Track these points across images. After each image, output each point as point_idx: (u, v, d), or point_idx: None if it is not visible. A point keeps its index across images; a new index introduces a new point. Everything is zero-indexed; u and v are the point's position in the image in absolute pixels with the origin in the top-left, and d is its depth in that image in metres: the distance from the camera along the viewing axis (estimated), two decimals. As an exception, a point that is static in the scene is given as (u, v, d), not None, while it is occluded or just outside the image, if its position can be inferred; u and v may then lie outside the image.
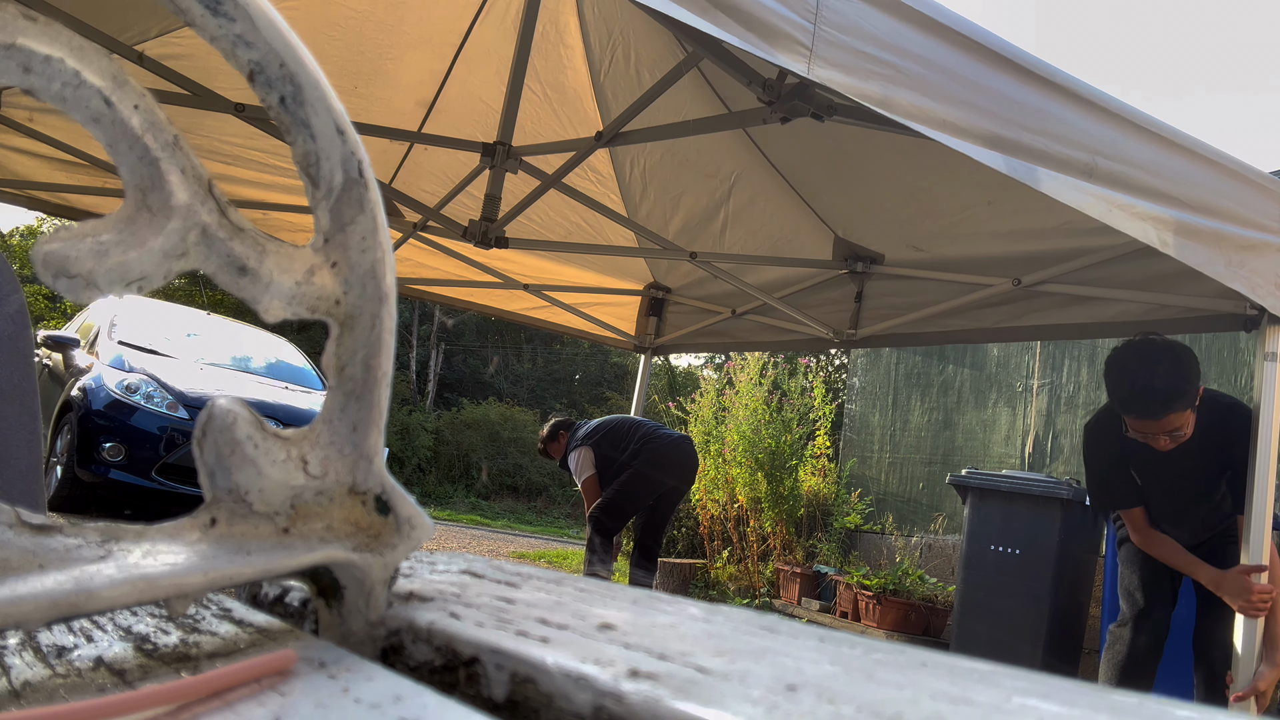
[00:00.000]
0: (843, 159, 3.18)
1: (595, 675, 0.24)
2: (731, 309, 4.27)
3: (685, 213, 3.79)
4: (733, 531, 7.01)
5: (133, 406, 5.21)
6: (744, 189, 3.57)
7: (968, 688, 0.25)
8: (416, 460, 14.98)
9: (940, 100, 1.66)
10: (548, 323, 4.78)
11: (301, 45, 0.30)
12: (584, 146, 2.94)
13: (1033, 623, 4.33)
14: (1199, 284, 2.61)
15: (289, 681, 0.26)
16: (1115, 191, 1.84)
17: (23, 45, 0.26)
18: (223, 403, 0.30)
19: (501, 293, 4.55)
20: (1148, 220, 1.89)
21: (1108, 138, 1.85)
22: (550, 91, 3.45)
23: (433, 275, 4.40)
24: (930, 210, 3.11)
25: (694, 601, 0.37)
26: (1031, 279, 3.05)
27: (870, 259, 3.55)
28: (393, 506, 0.32)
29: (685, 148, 3.52)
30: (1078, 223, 2.75)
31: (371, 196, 0.31)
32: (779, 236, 3.67)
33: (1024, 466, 6.11)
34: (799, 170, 3.38)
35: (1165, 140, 1.94)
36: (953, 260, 3.29)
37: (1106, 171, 1.83)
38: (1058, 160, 1.77)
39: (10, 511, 0.27)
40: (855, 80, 1.58)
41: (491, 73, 3.35)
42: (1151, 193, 1.90)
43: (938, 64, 1.66)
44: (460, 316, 21.33)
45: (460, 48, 3.33)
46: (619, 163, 3.76)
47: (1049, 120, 1.77)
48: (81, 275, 0.26)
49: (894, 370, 7.24)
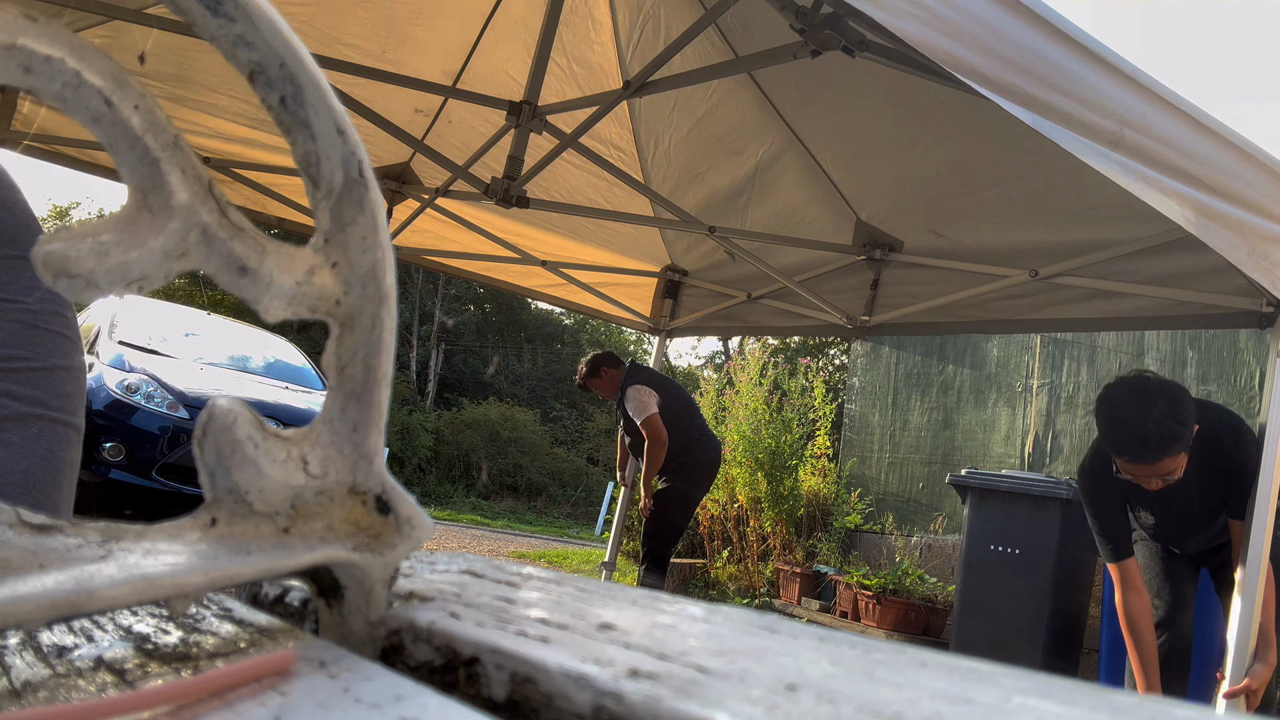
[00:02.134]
0: (873, 131, 3.16)
1: (595, 675, 0.24)
2: (747, 293, 4.27)
3: (708, 190, 3.79)
4: (733, 531, 7.01)
5: (133, 406, 5.22)
6: (770, 166, 3.56)
7: (967, 687, 0.25)
8: (416, 460, 14.98)
9: (972, 49, 1.65)
10: (563, 300, 4.77)
11: (302, 45, 0.30)
12: (609, 100, 2.90)
13: (1032, 623, 4.33)
14: (1216, 281, 2.61)
15: (289, 681, 0.26)
16: (1141, 165, 1.82)
17: (23, 45, 0.26)
18: (223, 402, 0.30)
19: (519, 268, 4.55)
20: (1173, 196, 1.86)
21: (1136, 110, 1.80)
22: (576, 66, 3.45)
23: (452, 248, 4.40)
24: (958, 186, 3.07)
25: (694, 601, 0.37)
26: (1049, 271, 3.05)
27: (889, 246, 3.55)
28: (393, 506, 0.32)
29: (713, 124, 3.51)
30: (1104, 208, 2.72)
31: (372, 196, 0.31)
32: (801, 219, 3.66)
33: (1024, 466, 6.11)
34: (827, 146, 3.37)
35: (1193, 120, 1.89)
36: (971, 249, 3.28)
37: (1133, 144, 1.79)
38: (1085, 126, 1.75)
39: (10, 511, 0.28)
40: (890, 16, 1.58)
41: (519, 45, 3.35)
42: (1178, 171, 1.86)
43: (973, 13, 1.66)
44: (460, 316, 21.33)
45: (490, 17, 3.33)
46: (643, 141, 3.76)
47: (1079, 84, 1.74)
48: (82, 275, 0.26)
49: (894, 370, 7.24)
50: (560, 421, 19.97)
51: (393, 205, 4.18)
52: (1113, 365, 5.85)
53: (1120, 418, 2.31)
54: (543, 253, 4.44)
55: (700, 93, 3.37)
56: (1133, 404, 2.29)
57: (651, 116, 3.63)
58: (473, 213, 4.20)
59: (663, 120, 3.60)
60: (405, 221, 4.12)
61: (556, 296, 4.77)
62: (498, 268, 4.58)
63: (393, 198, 4.15)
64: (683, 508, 4.34)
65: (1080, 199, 2.76)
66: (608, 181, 3.82)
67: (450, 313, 20.89)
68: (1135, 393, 2.31)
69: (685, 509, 4.36)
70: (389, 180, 4.07)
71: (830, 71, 3.00)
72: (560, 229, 4.27)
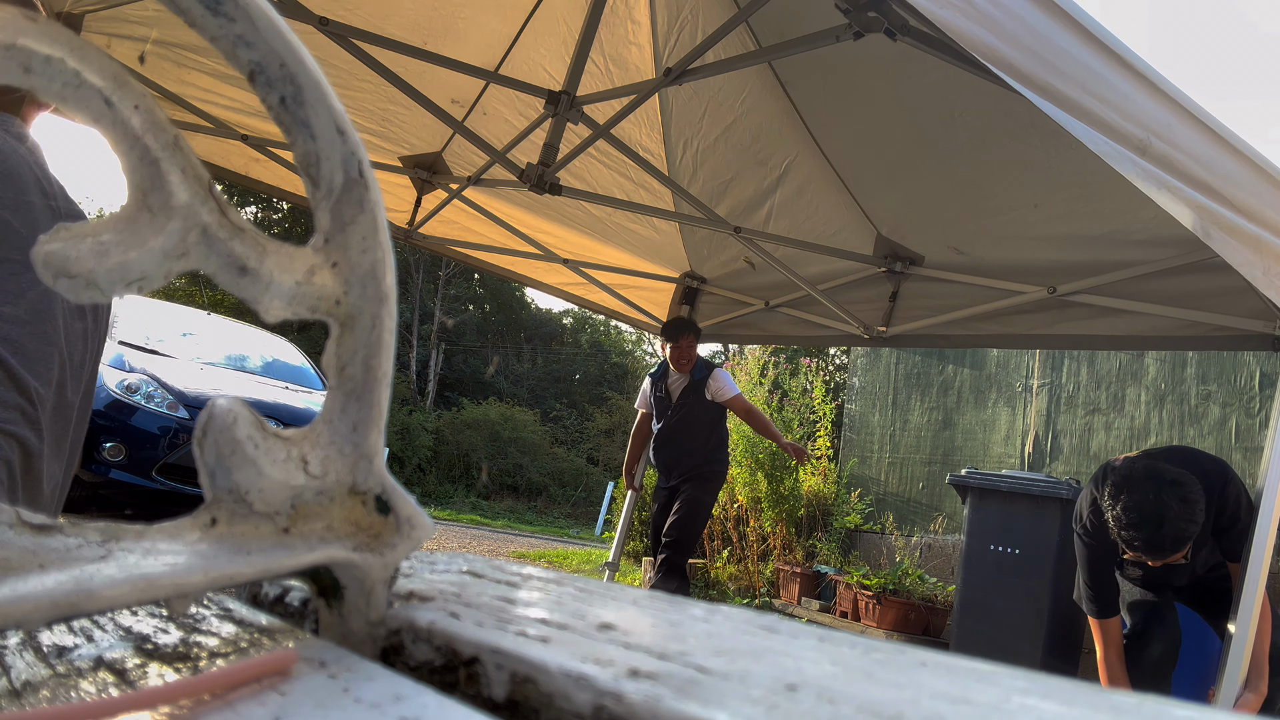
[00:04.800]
0: (894, 151, 3.19)
1: (595, 675, 0.24)
2: (765, 300, 4.28)
3: (733, 199, 3.82)
4: (732, 531, 7.02)
5: (133, 406, 5.22)
6: (794, 178, 3.59)
7: (967, 687, 0.25)
8: (416, 460, 14.99)
9: (1009, 44, 1.67)
10: (582, 299, 4.79)
11: (301, 45, 0.30)
12: (646, 88, 2.92)
13: (1032, 623, 4.33)
14: (1229, 303, 2.62)
15: (289, 681, 0.26)
16: (1165, 173, 1.83)
17: (23, 45, 0.26)
18: (223, 402, 0.30)
19: (541, 265, 4.56)
20: (1194, 208, 1.86)
21: (1163, 120, 1.81)
22: (613, 66, 3.47)
23: (477, 240, 4.42)
24: (976, 209, 3.11)
25: (694, 601, 0.37)
26: (1067, 288, 3.07)
27: (910, 259, 3.57)
28: (393, 506, 0.32)
29: (741, 131, 3.53)
30: (1122, 233, 2.75)
31: (372, 197, 0.31)
32: (822, 231, 3.69)
33: (1024, 466, 6.11)
34: (850, 161, 3.40)
35: (1215, 135, 1.91)
36: (991, 265, 3.30)
37: (1159, 153, 1.80)
38: (1114, 130, 1.76)
39: (10, 511, 0.28)
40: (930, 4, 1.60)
41: (558, 41, 3.37)
42: (1199, 184, 1.87)
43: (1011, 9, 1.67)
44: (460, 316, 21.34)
45: (531, 14, 3.35)
46: (672, 143, 3.78)
47: (1109, 89, 1.75)
48: (82, 275, 0.26)
49: (894, 370, 7.24)
50: (560, 421, 19.98)
51: (422, 194, 4.19)
52: (1112, 365, 5.86)
53: (1135, 521, 2.28)
54: (565, 251, 4.45)
55: (731, 99, 3.39)
56: (1148, 505, 2.26)
57: (683, 120, 3.66)
58: (500, 207, 4.22)
59: (693, 124, 3.62)
60: (438, 207, 4.13)
61: (576, 295, 4.79)
62: (521, 263, 4.60)
63: (423, 187, 4.16)
64: (707, 519, 4.37)
65: (1099, 224, 2.78)
66: (635, 182, 3.85)
67: (450, 313, 20.90)
68: (1149, 491, 2.27)
69: (707, 521, 4.39)
70: (420, 169, 4.08)
71: (855, 86, 3.01)
72: (584, 228, 4.28)
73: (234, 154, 3.94)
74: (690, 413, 4.27)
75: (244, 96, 3.65)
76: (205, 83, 3.56)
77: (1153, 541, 2.26)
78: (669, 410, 4.34)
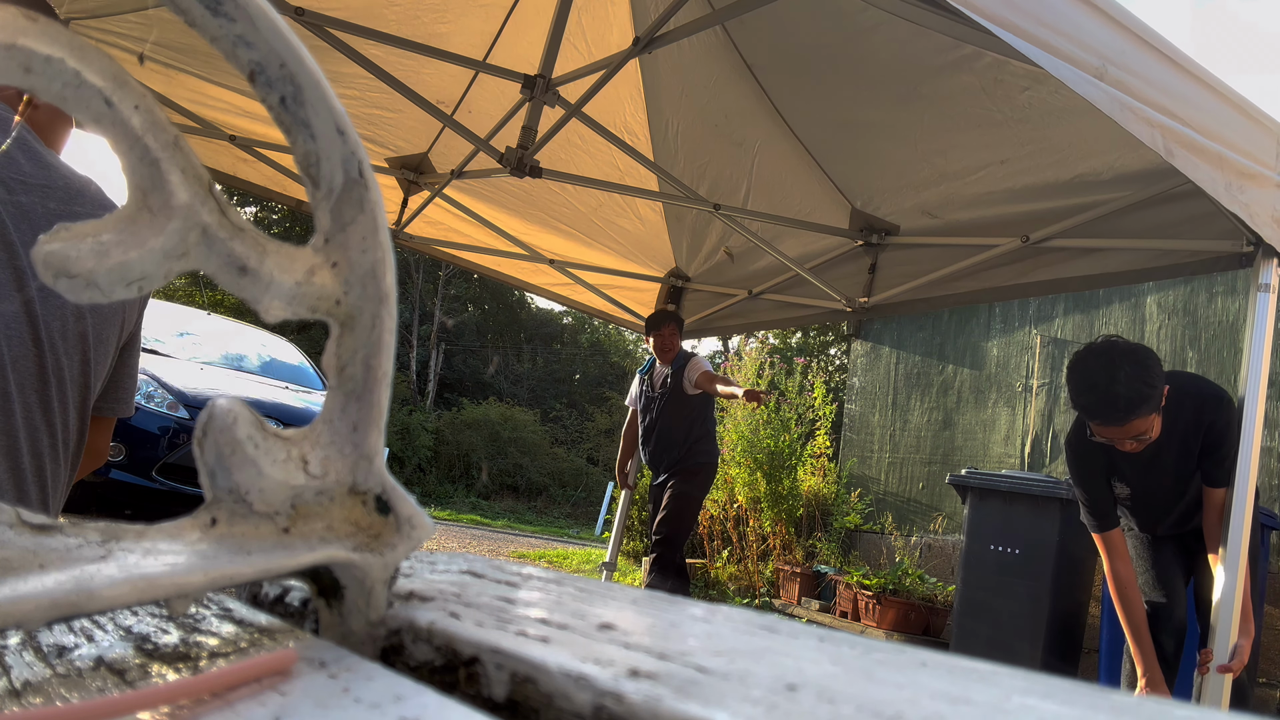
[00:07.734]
0: (860, 125, 3.25)
1: (595, 675, 0.24)
2: (748, 289, 4.31)
3: (711, 181, 3.86)
4: (732, 531, 7.02)
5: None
6: (766, 158, 3.63)
7: (967, 687, 0.25)
8: (416, 460, 15.00)
9: None
10: (569, 299, 4.83)
11: (301, 45, 0.30)
12: (616, 59, 2.93)
13: (1033, 623, 4.33)
14: (1198, 227, 2.62)
15: (289, 681, 0.26)
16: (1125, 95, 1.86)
17: (23, 45, 0.26)
18: (223, 402, 0.30)
19: (527, 265, 4.60)
20: (1155, 127, 1.90)
21: (1117, 47, 1.86)
22: (595, 50, 3.48)
23: (463, 240, 4.44)
24: (944, 173, 3.17)
25: (694, 601, 0.37)
26: (1039, 235, 3.09)
27: (886, 230, 3.61)
28: (393, 506, 0.32)
29: (714, 113, 3.56)
30: (1088, 175, 2.79)
31: (371, 197, 0.31)
32: (799, 208, 3.74)
33: (1023, 466, 6.11)
34: (818, 138, 3.45)
35: (1171, 60, 1.95)
36: (965, 224, 3.35)
37: (1115, 79, 1.85)
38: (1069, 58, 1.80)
39: (10, 511, 0.28)
40: None
41: (541, 34, 3.40)
42: (1158, 106, 1.91)
43: None
44: (460, 316, 21.35)
45: (511, 10, 3.39)
46: (655, 126, 3.80)
47: (1063, 20, 1.80)
48: (82, 275, 0.26)
49: (894, 370, 7.24)
50: (560, 421, 19.99)
51: (408, 195, 4.22)
52: (1112, 365, 5.85)
53: (1088, 383, 2.35)
54: (551, 252, 4.49)
55: (704, 80, 3.44)
56: (1100, 369, 2.32)
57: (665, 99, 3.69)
58: (486, 209, 4.25)
59: (672, 104, 3.65)
60: (422, 205, 4.15)
61: (563, 295, 4.82)
62: (506, 263, 4.63)
63: (409, 188, 4.19)
64: (696, 514, 4.37)
65: (1066, 169, 2.83)
66: (621, 171, 3.87)
67: (450, 313, 20.91)
68: (1102, 357, 2.34)
69: (696, 515, 4.40)
70: (406, 170, 4.11)
71: (816, 64, 3.07)
72: (568, 231, 4.31)
73: (222, 154, 3.95)
74: (671, 404, 4.28)
75: (230, 97, 3.66)
76: (192, 84, 3.58)
77: (1107, 401, 2.28)
78: (653, 404, 4.36)
